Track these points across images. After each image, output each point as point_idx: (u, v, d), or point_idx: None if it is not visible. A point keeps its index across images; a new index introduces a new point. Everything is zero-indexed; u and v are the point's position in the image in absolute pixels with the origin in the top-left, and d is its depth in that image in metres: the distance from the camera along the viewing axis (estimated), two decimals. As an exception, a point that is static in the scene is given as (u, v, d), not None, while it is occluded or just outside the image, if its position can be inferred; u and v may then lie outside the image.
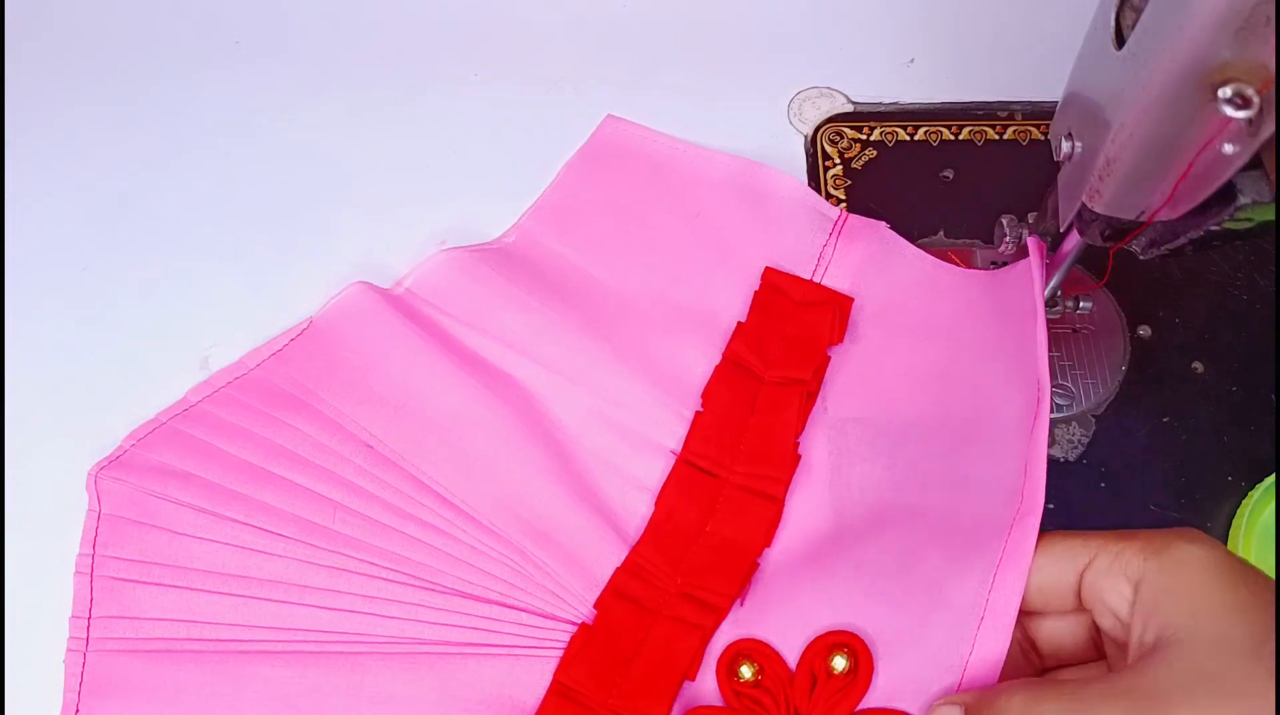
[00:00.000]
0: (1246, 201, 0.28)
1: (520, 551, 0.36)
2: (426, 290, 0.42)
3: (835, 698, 0.32)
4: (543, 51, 0.51)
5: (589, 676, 0.34)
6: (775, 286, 0.42)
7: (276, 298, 0.43)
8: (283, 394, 0.39)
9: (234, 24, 0.53)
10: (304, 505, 0.36)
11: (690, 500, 0.38)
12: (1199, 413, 0.40)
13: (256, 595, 0.35)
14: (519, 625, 0.35)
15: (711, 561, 0.36)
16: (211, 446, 0.38)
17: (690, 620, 0.35)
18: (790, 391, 0.39)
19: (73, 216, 0.47)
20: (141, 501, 0.37)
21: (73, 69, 0.52)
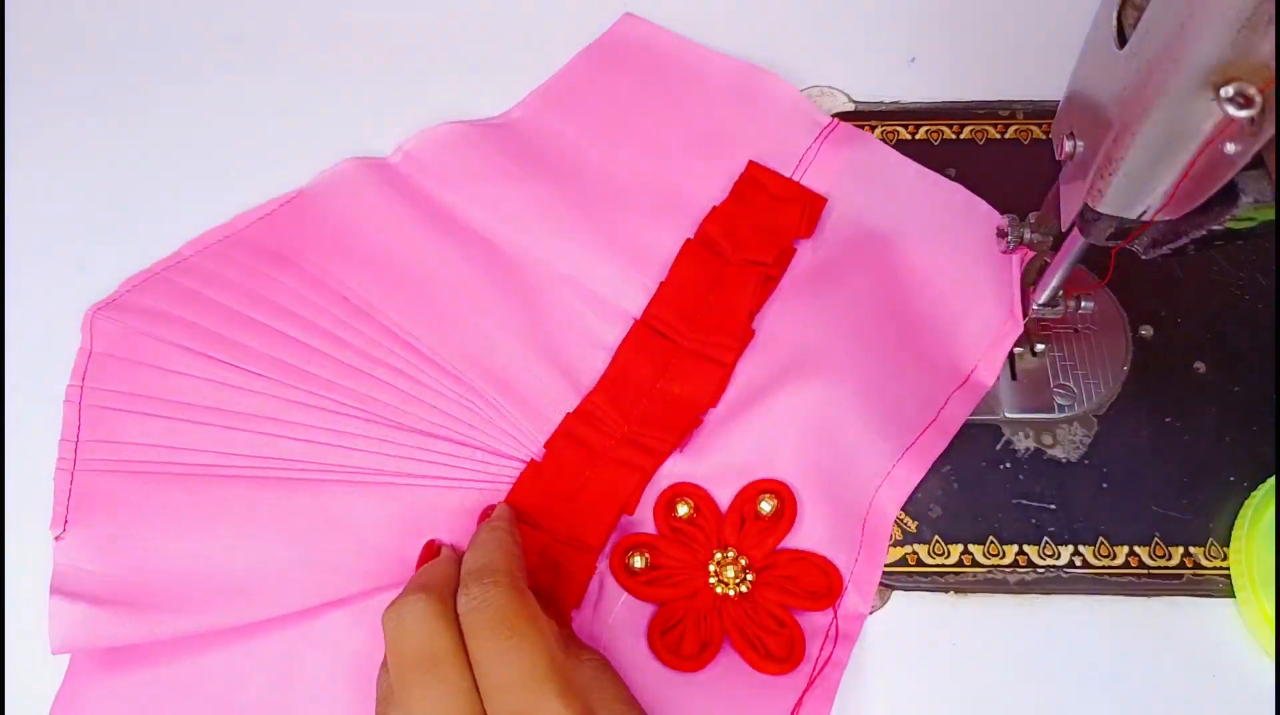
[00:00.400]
0: (1249, 201, 0.28)
1: (480, 395, 0.39)
2: (424, 156, 0.45)
3: (761, 535, 0.37)
4: (543, 51, 0.51)
5: (535, 503, 0.37)
6: (755, 179, 0.45)
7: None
8: (268, 251, 0.43)
9: (234, 24, 0.53)
10: (281, 348, 0.40)
11: (645, 358, 0.41)
12: (1201, 413, 0.40)
13: (231, 426, 0.38)
14: (474, 462, 0.38)
15: (659, 414, 0.39)
16: (200, 294, 0.41)
17: (632, 461, 0.38)
18: (750, 272, 0.42)
19: (72, 216, 0.47)
20: (131, 340, 0.40)
21: (73, 69, 0.52)
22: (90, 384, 0.40)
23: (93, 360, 0.40)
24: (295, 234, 0.43)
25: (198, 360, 0.39)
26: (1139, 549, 0.38)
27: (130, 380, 0.40)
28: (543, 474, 0.38)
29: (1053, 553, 0.38)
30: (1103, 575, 0.37)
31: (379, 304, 0.41)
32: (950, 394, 0.40)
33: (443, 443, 0.38)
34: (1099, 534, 0.38)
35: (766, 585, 0.36)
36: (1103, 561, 0.38)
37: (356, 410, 0.39)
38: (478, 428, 0.39)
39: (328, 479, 0.37)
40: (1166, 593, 0.37)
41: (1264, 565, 0.36)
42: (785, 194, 0.44)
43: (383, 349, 0.40)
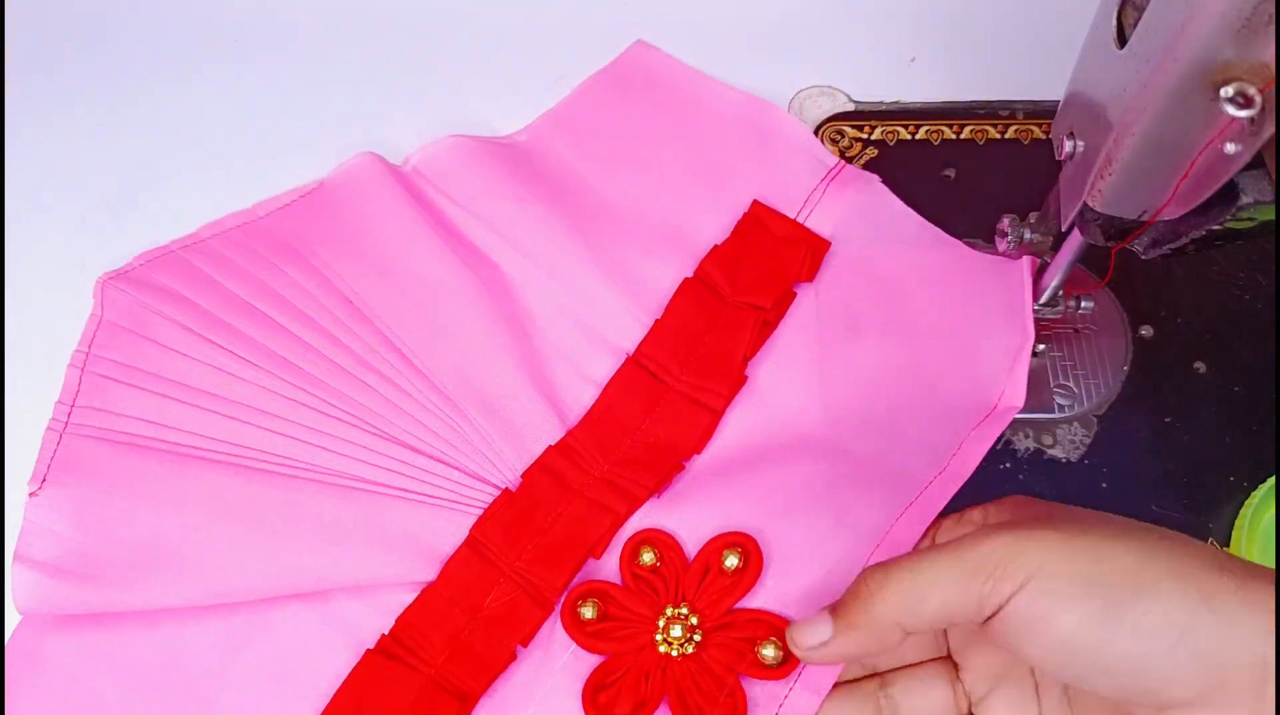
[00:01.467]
0: (1248, 201, 0.28)
1: (464, 415, 0.39)
2: (430, 170, 0.45)
3: (721, 591, 0.34)
4: (543, 50, 0.51)
5: (501, 536, 0.36)
6: (759, 219, 0.44)
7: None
8: (282, 243, 0.43)
9: (233, 23, 0.53)
10: (278, 341, 0.40)
11: (632, 397, 0.40)
12: (1201, 413, 0.40)
13: (220, 412, 0.39)
14: (449, 481, 0.38)
15: (640, 457, 0.38)
16: (210, 278, 0.41)
17: (606, 504, 0.37)
18: (748, 315, 0.41)
19: (72, 216, 0.47)
20: (139, 313, 0.41)
21: (73, 69, 0.52)
22: (95, 352, 0.40)
23: (101, 328, 0.41)
24: (309, 227, 0.44)
25: (197, 342, 0.40)
26: (1139, 549, 0.38)
27: (131, 352, 0.40)
28: (514, 505, 0.37)
29: (1052, 552, 0.38)
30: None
31: (379, 309, 0.41)
32: (966, 435, 0.38)
33: (422, 458, 0.38)
34: (1099, 534, 0.38)
35: (717, 646, 0.34)
36: (1102, 561, 0.38)
37: (343, 413, 0.39)
38: (458, 448, 0.38)
39: (304, 477, 0.38)
40: (1166, 593, 0.37)
41: (1264, 565, 0.36)
42: (789, 235, 0.43)
43: (376, 356, 0.40)
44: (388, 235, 0.43)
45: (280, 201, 0.45)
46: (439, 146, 0.46)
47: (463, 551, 0.36)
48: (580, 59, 0.51)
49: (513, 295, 0.42)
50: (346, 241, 0.43)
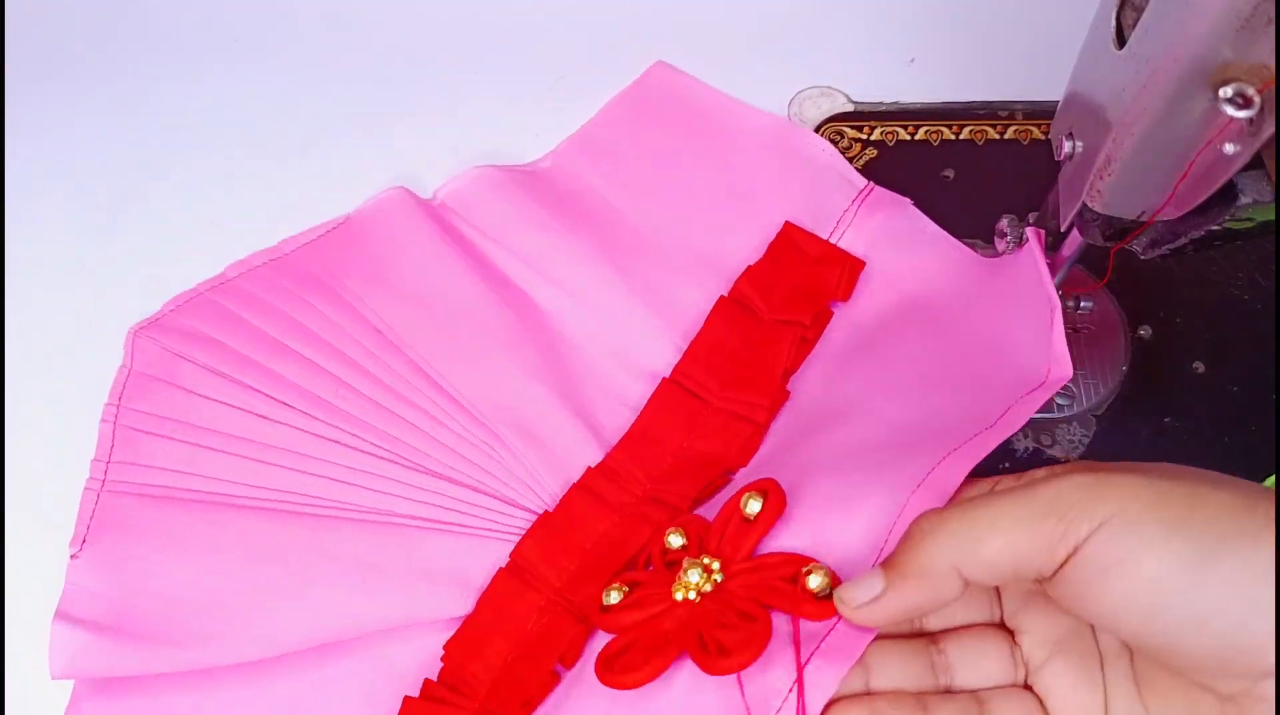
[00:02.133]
0: (1248, 201, 0.28)
1: (502, 443, 0.38)
2: (457, 202, 0.45)
3: (743, 536, 0.32)
4: (543, 51, 0.51)
5: (539, 555, 0.36)
6: (792, 240, 0.43)
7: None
8: (311, 278, 0.42)
9: (234, 23, 0.53)
10: (310, 378, 0.39)
11: (672, 416, 0.39)
12: (1200, 413, 0.40)
13: (255, 457, 0.38)
14: (487, 510, 0.37)
15: (684, 471, 0.38)
16: (239, 317, 0.41)
17: (649, 516, 0.36)
18: (786, 331, 0.40)
19: (73, 216, 0.47)
20: (166, 360, 0.40)
21: (73, 69, 0.52)
22: (125, 404, 0.40)
23: (131, 378, 0.40)
24: (338, 260, 0.43)
25: (225, 385, 0.39)
26: (1138, 548, 0.38)
27: (160, 402, 0.40)
28: (552, 524, 0.37)
29: (1052, 552, 0.38)
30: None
31: (410, 339, 0.41)
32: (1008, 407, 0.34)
33: (459, 489, 0.38)
34: (1098, 534, 0.38)
35: (742, 586, 0.30)
36: (1102, 561, 0.38)
37: (378, 448, 0.38)
38: (496, 476, 0.38)
39: (341, 517, 0.37)
40: (1165, 592, 0.37)
41: (1262, 565, 0.36)
42: (823, 256, 0.43)
43: (410, 387, 0.39)
44: (418, 266, 0.43)
45: (308, 236, 0.44)
46: (464, 179, 0.45)
47: (502, 575, 0.36)
48: (580, 59, 0.51)
49: (545, 323, 0.42)
50: (376, 273, 0.43)
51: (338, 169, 0.48)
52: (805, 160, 0.46)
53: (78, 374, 0.42)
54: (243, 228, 0.46)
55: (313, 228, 0.44)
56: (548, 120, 0.49)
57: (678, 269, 0.43)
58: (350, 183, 0.47)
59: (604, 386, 0.41)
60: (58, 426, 0.41)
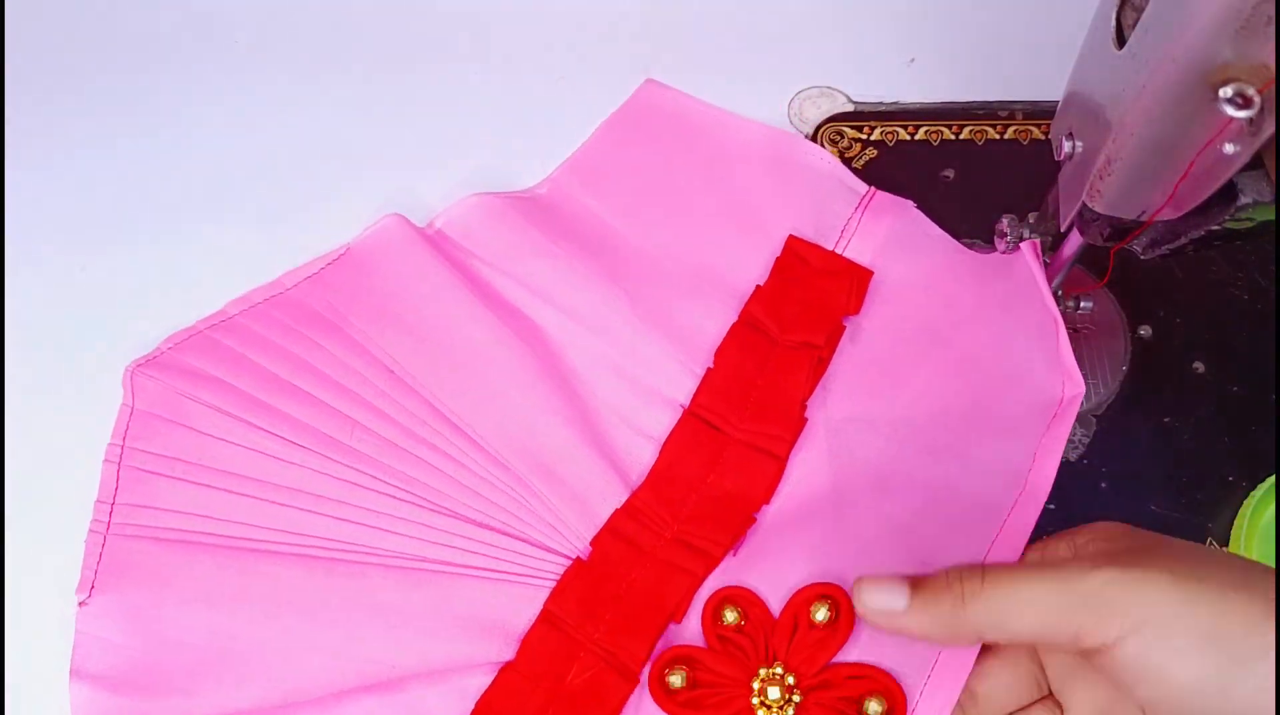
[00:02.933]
0: (1247, 201, 0.28)
1: (525, 484, 0.37)
2: (456, 231, 0.44)
3: (814, 646, 0.33)
4: (543, 50, 0.51)
5: (577, 607, 0.35)
6: (797, 254, 0.43)
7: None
8: (315, 315, 0.41)
9: (234, 24, 0.53)
10: (324, 420, 0.38)
11: (694, 451, 0.39)
12: (1200, 413, 0.40)
13: (271, 499, 0.37)
14: (517, 554, 0.36)
15: (709, 512, 0.37)
16: (243, 357, 0.40)
17: (682, 565, 0.36)
18: (802, 355, 0.40)
19: (73, 216, 0.47)
20: (173, 400, 0.39)
21: (73, 69, 0.52)
22: (131, 443, 0.38)
23: (135, 417, 0.39)
24: (341, 297, 0.42)
25: (237, 426, 0.38)
26: (1138, 548, 0.38)
27: (168, 442, 0.38)
28: (588, 574, 0.36)
29: (1052, 552, 0.38)
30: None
31: (423, 378, 0.40)
32: (1038, 446, 0.37)
33: (486, 532, 0.37)
34: (1098, 534, 0.38)
35: (818, 706, 0.32)
36: (1102, 561, 0.38)
37: (399, 491, 0.37)
38: (522, 518, 0.37)
39: (365, 562, 0.36)
40: (1165, 592, 0.37)
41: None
42: (830, 268, 0.42)
43: (427, 427, 0.39)
44: (423, 300, 0.42)
45: (307, 270, 0.43)
46: (463, 207, 0.44)
47: (539, 627, 0.35)
48: (580, 60, 0.51)
49: (556, 354, 0.41)
50: (381, 309, 0.42)
51: (338, 168, 0.48)
52: (804, 170, 0.46)
53: (78, 374, 0.42)
54: (243, 227, 0.46)
55: (312, 261, 0.43)
56: (548, 120, 0.48)
57: (685, 290, 0.42)
58: (350, 180, 0.47)
59: (622, 418, 0.40)
60: (59, 426, 0.41)
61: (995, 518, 0.35)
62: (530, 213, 0.44)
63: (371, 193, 0.46)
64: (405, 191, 0.46)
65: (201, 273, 0.44)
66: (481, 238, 0.43)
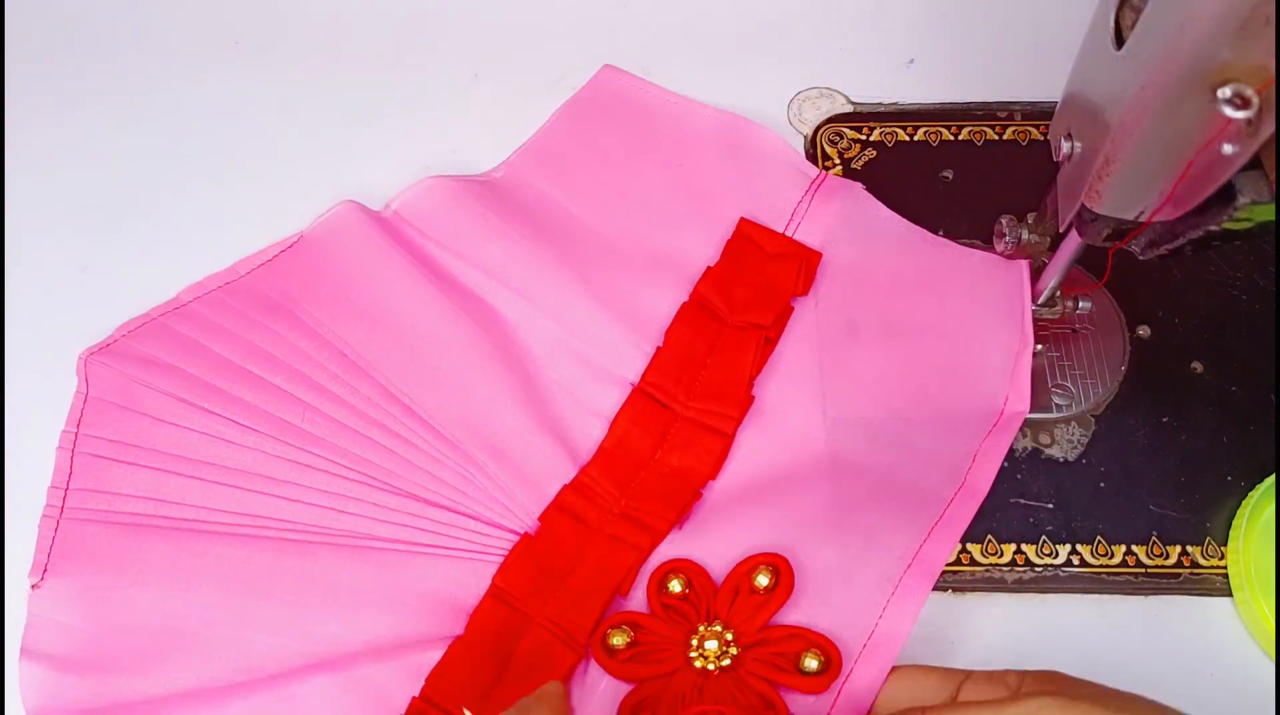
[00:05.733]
0: (1246, 201, 0.28)
1: (475, 462, 0.38)
2: (412, 214, 0.44)
3: (755, 609, 0.34)
4: (543, 51, 0.52)
5: (524, 582, 0.36)
6: (747, 236, 0.44)
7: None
8: (268, 301, 0.42)
9: (234, 24, 0.53)
10: (276, 404, 0.39)
11: (642, 428, 0.39)
12: (1198, 413, 0.40)
13: (223, 482, 0.38)
14: (466, 531, 0.37)
15: (657, 488, 0.38)
16: (197, 343, 0.40)
17: (628, 540, 0.37)
18: (750, 335, 0.41)
19: (73, 216, 0.47)
20: (126, 387, 0.39)
21: (73, 69, 0.52)
22: (85, 431, 0.39)
23: (88, 405, 0.39)
24: (294, 283, 0.42)
25: (190, 411, 0.39)
26: (1136, 548, 0.38)
27: (122, 429, 0.39)
28: (535, 549, 0.37)
29: (1050, 552, 0.38)
30: (1100, 574, 0.38)
31: (376, 361, 0.40)
32: (978, 448, 0.38)
33: (435, 510, 0.37)
34: (1096, 533, 0.38)
35: (755, 661, 0.34)
36: (1100, 560, 0.38)
37: (350, 471, 0.38)
38: (471, 496, 0.38)
39: (316, 541, 0.37)
40: (1164, 592, 0.37)
41: (1261, 564, 0.36)
42: (780, 251, 0.43)
43: (379, 409, 0.39)
44: (377, 284, 0.42)
45: (261, 257, 0.43)
46: (418, 189, 0.44)
47: (487, 601, 0.36)
48: (580, 59, 0.51)
49: (510, 335, 0.42)
50: (335, 293, 0.42)
51: (338, 169, 0.48)
52: (757, 154, 0.46)
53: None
54: (243, 227, 0.46)
55: (266, 248, 0.44)
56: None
57: (639, 273, 0.43)
58: (351, 181, 0.47)
59: (573, 397, 0.40)
60: (59, 426, 0.41)
61: (934, 509, 0.37)
62: (485, 196, 0.44)
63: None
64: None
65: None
66: (437, 221, 0.44)
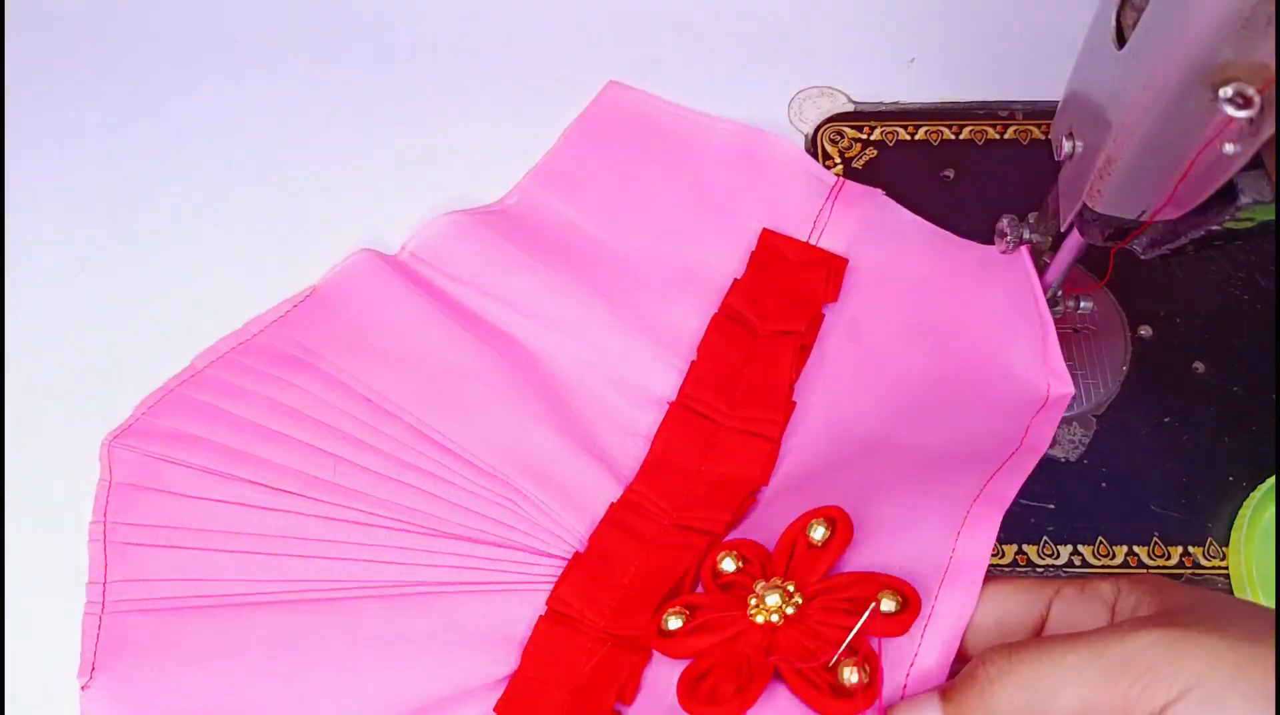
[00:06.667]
0: (1247, 201, 0.28)
1: (517, 491, 0.37)
2: (429, 253, 0.43)
3: (813, 560, 0.31)
4: (543, 51, 0.51)
5: (577, 597, 0.34)
6: (772, 246, 0.43)
7: (277, 297, 0.43)
8: (286, 356, 0.41)
9: (233, 24, 0.53)
10: (305, 460, 0.38)
11: (686, 440, 0.39)
12: (1200, 413, 0.40)
13: (261, 550, 0.36)
14: (514, 562, 0.36)
15: (707, 496, 0.37)
16: (217, 409, 0.39)
17: (685, 543, 0.36)
18: (784, 342, 0.40)
19: (73, 216, 0.47)
20: (151, 467, 0.38)
21: (73, 69, 0.52)
22: (113, 519, 0.38)
23: (113, 491, 0.38)
24: (311, 335, 0.41)
25: (218, 482, 0.38)
26: (1138, 548, 0.38)
27: (151, 511, 0.38)
28: (586, 562, 0.35)
29: (1052, 552, 0.38)
30: (1101, 574, 0.37)
31: (403, 403, 0.39)
32: (1027, 427, 0.37)
33: (481, 546, 0.36)
34: (1098, 533, 0.38)
35: (823, 610, 0.30)
36: (1101, 561, 0.38)
37: (388, 519, 0.37)
38: (518, 528, 0.37)
39: (362, 596, 0.36)
40: (1165, 592, 0.37)
41: (1263, 565, 0.36)
42: (805, 259, 0.43)
43: (411, 451, 0.38)
44: (397, 328, 0.41)
45: (274, 314, 0.42)
46: (433, 228, 0.44)
47: (543, 625, 0.35)
48: (580, 59, 0.51)
49: (539, 365, 0.41)
50: (354, 341, 0.41)
51: (337, 169, 0.48)
52: (773, 164, 0.46)
53: (78, 374, 0.42)
54: (243, 228, 0.46)
55: (278, 304, 0.42)
56: (547, 121, 0.48)
57: (665, 290, 0.42)
58: (350, 181, 0.47)
59: (611, 419, 0.40)
60: (59, 426, 0.41)
61: (992, 464, 0.34)
62: (502, 226, 0.44)
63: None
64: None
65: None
66: (455, 257, 0.43)
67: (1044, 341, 0.39)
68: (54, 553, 0.38)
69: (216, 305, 0.43)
